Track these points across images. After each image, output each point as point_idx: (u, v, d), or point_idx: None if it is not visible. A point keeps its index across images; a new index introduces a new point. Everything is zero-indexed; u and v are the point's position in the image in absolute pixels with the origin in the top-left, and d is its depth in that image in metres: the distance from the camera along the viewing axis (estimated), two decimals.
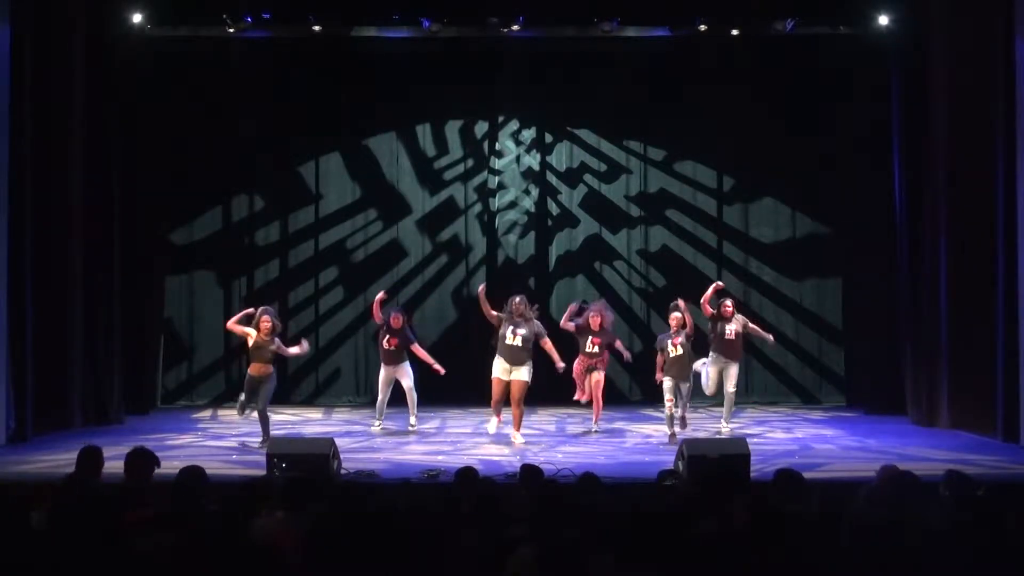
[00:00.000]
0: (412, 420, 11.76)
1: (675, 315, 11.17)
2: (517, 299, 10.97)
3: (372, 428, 11.81)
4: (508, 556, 4.79)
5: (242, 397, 10.93)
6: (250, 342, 10.69)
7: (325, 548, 4.91)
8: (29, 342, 11.05)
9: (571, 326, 11.59)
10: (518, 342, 10.80)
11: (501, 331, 10.89)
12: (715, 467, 8.36)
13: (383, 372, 11.77)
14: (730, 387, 11.48)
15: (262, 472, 8.62)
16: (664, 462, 9.01)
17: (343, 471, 8.97)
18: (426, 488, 8.31)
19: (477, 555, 4.94)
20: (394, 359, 11.67)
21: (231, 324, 11.01)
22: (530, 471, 6.75)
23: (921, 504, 5.86)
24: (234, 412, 12.02)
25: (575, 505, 5.65)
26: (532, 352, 10.92)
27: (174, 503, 5.64)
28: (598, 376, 11.58)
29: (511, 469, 8.87)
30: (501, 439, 11.17)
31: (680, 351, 11.03)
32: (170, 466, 6.64)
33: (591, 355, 11.56)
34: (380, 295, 12.02)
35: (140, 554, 4.74)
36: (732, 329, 11.46)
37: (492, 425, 11.09)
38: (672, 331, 11.15)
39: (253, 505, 5.61)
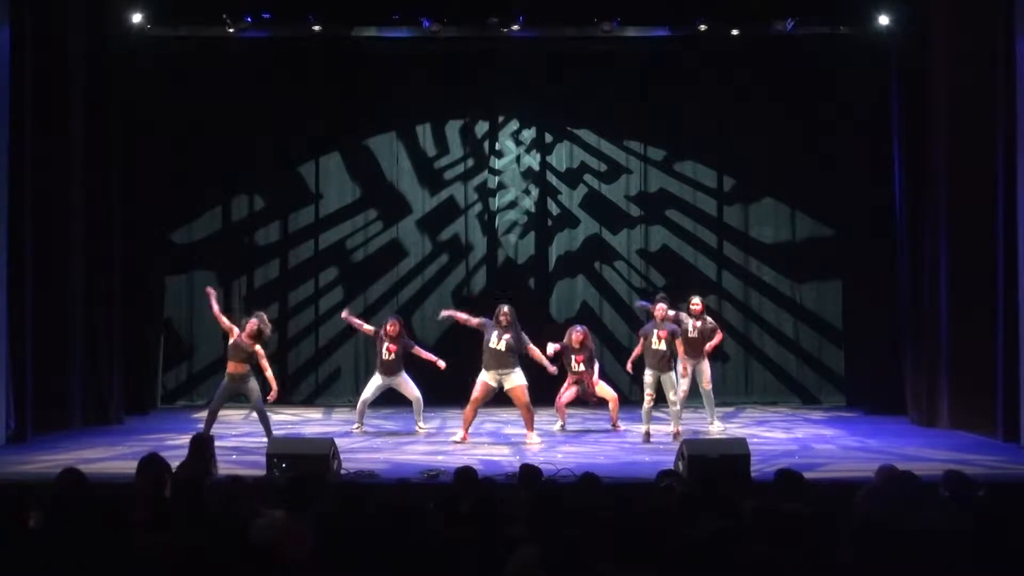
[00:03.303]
0: (420, 424, 11.66)
1: (660, 306, 11.13)
2: (506, 308, 10.98)
3: (353, 429, 11.63)
4: (508, 556, 4.79)
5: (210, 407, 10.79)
6: (231, 339, 10.62)
7: (326, 548, 4.91)
8: (29, 342, 11.05)
9: (556, 347, 11.59)
10: (502, 346, 10.79)
11: (486, 337, 10.89)
12: (715, 467, 8.36)
13: (377, 379, 11.58)
14: (704, 385, 11.62)
15: (262, 472, 8.61)
16: (664, 462, 9.00)
17: (343, 471, 8.96)
18: (426, 488, 8.31)
19: (477, 555, 4.94)
20: (392, 370, 11.49)
21: (219, 316, 10.79)
22: (529, 471, 6.75)
23: (921, 504, 5.86)
24: (234, 413, 12.03)
25: (575, 505, 5.65)
26: (518, 359, 10.89)
27: (176, 503, 5.64)
28: (595, 388, 11.91)
29: (511, 469, 8.85)
30: (501, 439, 11.17)
31: (663, 346, 11.00)
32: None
33: (576, 373, 11.78)
34: (345, 315, 11.90)
35: (140, 554, 4.74)
36: (696, 326, 11.60)
37: (458, 436, 10.88)
38: (658, 321, 11.09)
39: (254, 505, 5.61)
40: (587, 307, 14.53)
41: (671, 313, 11.31)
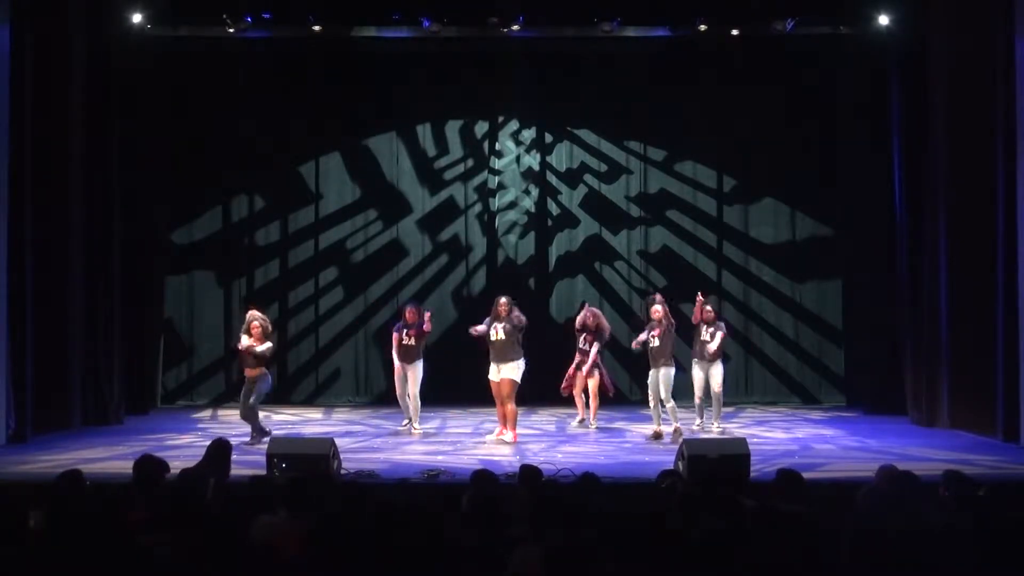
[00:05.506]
0: (416, 427, 11.61)
1: (655, 308, 11.18)
2: (503, 299, 11.04)
3: (413, 432, 11.48)
4: (508, 556, 4.79)
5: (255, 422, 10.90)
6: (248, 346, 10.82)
7: (326, 548, 4.91)
8: (29, 343, 11.04)
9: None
10: (501, 335, 10.83)
11: (487, 334, 10.93)
12: (715, 467, 8.36)
13: (398, 369, 11.59)
14: (715, 387, 11.66)
15: (262, 472, 8.61)
16: (664, 462, 9.00)
17: (343, 471, 8.96)
18: (426, 488, 8.31)
19: (477, 555, 4.94)
20: (411, 355, 11.48)
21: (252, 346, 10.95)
22: (530, 471, 6.76)
23: (921, 504, 5.87)
24: (233, 412, 12.01)
25: (575, 505, 5.65)
26: (519, 348, 10.90)
27: (175, 503, 5.64)
28: (594, 375, 11.99)
29: (511, 469, 8.85)
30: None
31: (658, 342, 11.04)
32: (170, 466, 6.65)
33: (584, 352, 11.98)
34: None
35: (141, 554, 4.75)
36: (710, 331, 11.66)
37: (493, 435, 10.97)
38: (655, 322, 11.13)
39: (254, 505, 5.61)
40: None
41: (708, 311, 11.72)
